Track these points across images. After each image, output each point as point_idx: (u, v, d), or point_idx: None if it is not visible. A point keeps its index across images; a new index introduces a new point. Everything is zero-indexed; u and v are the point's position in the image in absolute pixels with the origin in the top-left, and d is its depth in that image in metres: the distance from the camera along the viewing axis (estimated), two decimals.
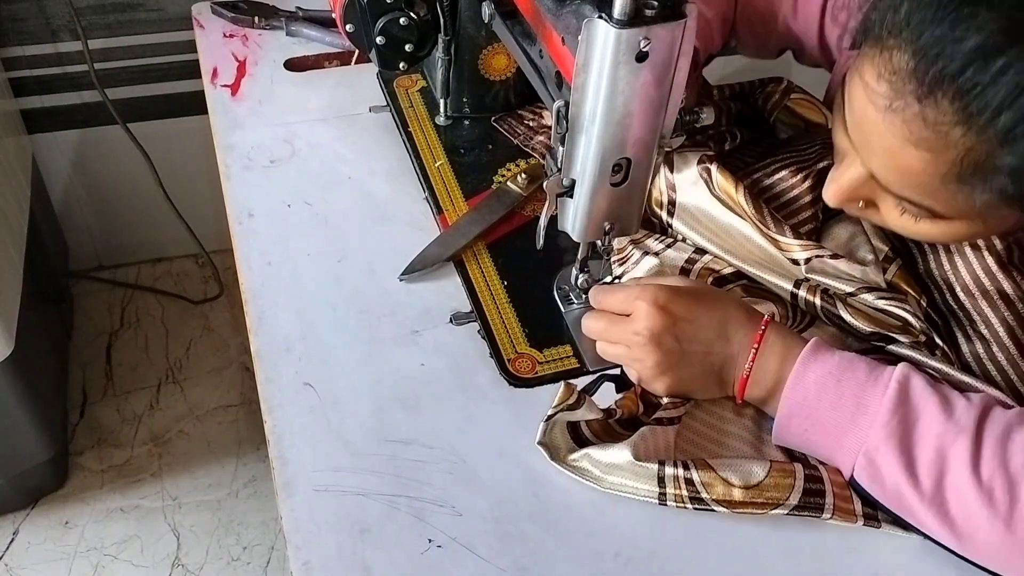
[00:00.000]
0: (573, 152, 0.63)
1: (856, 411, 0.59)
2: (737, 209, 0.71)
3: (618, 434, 0.65)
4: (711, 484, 0.60)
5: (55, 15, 1.47)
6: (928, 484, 0.56)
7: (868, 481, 0.59)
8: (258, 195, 0.85)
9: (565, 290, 0.76)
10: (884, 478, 0.58)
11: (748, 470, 0.61)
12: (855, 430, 0.59)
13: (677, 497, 0.60)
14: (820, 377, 0.60)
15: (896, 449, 0.57)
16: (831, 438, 0.60)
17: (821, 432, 0.60)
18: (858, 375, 0.59)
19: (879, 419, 0.57)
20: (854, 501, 0.61)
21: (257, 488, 1.49)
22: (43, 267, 1.49)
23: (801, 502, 0.60)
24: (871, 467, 0.58)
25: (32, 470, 1.39)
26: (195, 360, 1.68)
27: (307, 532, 0.59)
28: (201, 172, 1.67)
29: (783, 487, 0.60)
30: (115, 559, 1.39)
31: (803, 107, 0.82)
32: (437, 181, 0.87)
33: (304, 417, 0.66)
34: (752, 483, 0.60)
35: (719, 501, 0.60)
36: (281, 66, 1.02)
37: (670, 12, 0.55)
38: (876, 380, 0.59)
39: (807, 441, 0.62)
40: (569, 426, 0.65)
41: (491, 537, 0.60)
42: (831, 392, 0.60)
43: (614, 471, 0.61)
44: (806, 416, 0.61)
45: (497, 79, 0.93)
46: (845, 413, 0.59)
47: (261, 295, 0.75)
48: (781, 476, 0.60)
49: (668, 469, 0.60)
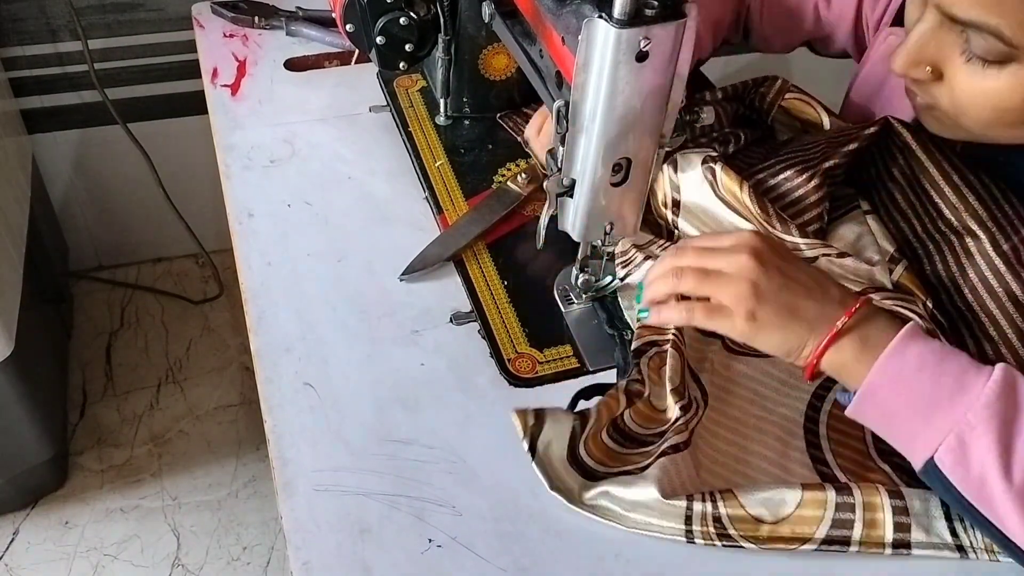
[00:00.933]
0: (573, 152, 0.63)
1: (956, 390, 0.56)
2: (742, 209, 0.70)
3: (622, 456, 0.64)
4: (739, 520, 0.59)
5: (55, 15, 1.47)
6: (1019, 477, 0.54)
7: (951, 463, 0.56)
8: (258, 195, 0.85)
9: (565, 290, 0.76)
10: (972, 462, 0.55)
11: (779, 499, 0.60)
12: (951, 408, 0.56)
13: (704, 534, 0.59)
14: (922, 352, 0.58)
15: (994, 433, 0.55)
16: (920, 414, 0.57)
17: (909, 407, 0.57)
18: (961, 360, 0.58)
19: (982, 400, 0.55)
20: (884, 527, 0.59)
21: (257, 488, 1.49)
22: (43, 267, 1.49)
23: (828, 535, 0.58)
24: (961, 448, 0.55)
25: (32, 470, 1.39)
26: (195, 360, 1.68)
27: (307, 532, 0.59)
28: (201, 172, 1.67)
29: (812, 520, 0.59)
30: (115, 559, 1.38)
31: (799, 106, 0.82)
32: (437, 181, 0.87)
33: (304, 417, 0.66)
34: (782, 515, 0.59)
35: (747, 537, 0.59)
36: (281, 66, 1.02)
37: (670, 12, 0.55)
38: (979, 369, 0.57)
39: (889, 415, 0.59)
40: (570, 458, 0.63)
41: (491, 537, 0.60)
42: (931, 368, 0.57)
43: (638, 509, 0.60)
44: (899, 388, 0.57)
45: (497, 79, 0.93)
46: (943, 391, 0.56)
47: (261, 295, 0.75)
48: (813, 507, 0.59)
49: (696, 506, 0.59)
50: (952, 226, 0.67)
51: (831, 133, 0.76)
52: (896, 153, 0.71)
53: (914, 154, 0.70)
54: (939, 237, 0.68)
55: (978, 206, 0.66)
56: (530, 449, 0.63)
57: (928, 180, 0.69)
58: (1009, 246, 0.65)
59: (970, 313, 0.66)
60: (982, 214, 0.65)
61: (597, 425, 0.64)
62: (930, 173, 0.69)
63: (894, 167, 0.72)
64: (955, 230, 0.67)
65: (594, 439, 0.64)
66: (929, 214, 0.69)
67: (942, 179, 0.68)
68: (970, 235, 0.66)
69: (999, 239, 0.65)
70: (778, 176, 0.72)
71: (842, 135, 0.73)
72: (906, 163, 0.71)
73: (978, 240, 0.65)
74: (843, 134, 0.74)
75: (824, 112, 0.80)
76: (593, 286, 0.75)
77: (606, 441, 0.64)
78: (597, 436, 0.64)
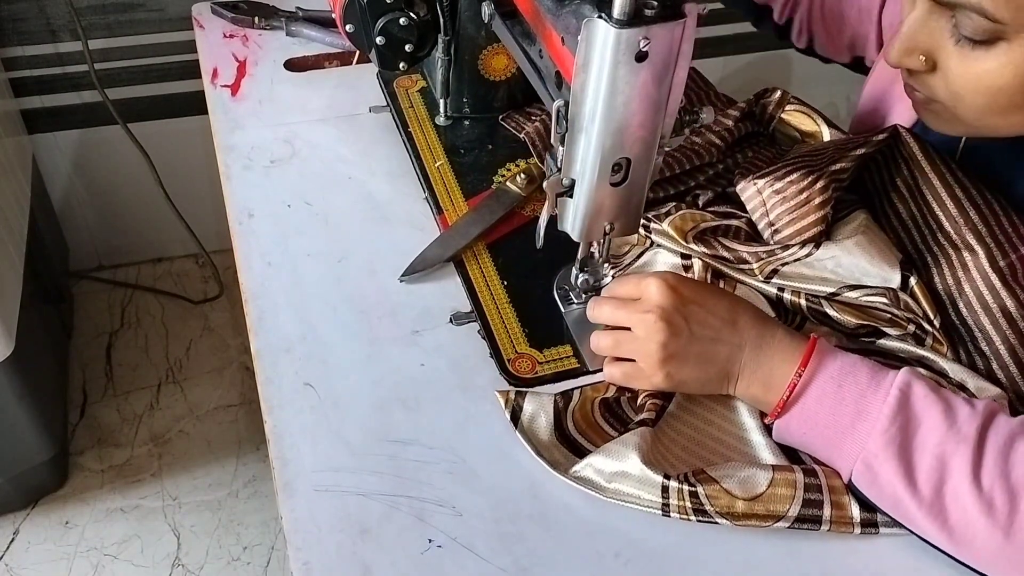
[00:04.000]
0: (573, 152, 0.63)
1: (856, 417, 0.59)
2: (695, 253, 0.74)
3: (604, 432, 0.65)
4: (715, 496, 0.60)
5: (55, 15, 1.47)
6: (927, 491, 0.56)
7: (866, 486, 0.59)
8: (258, 195, 0.85)
9: (565, 290, 0.76)
10: (882, 484, 0.58)
11: (753, 480, 0.60)
12: (854, 436, 0.58)
13: (680, 508, 0.60)
14: (821, 382, 0.60)
15: (895, 456, 0.57)
16: (830, 443, 0.60)
17: (819, 436, 0.60)
18: (859, 380, 0.59)
19: (879, 426, 0.57)
20: (851, 507, 0.60)
21: (257, 488, 1.49)
22: (43, 267, 1.50)
23: (800, 514, 0.59)
24: (869, 473, 0.58)
25: (32, 470, 1.39)
26: (195, 360, 1.68)
27: (307, 532, 0.59)
28: (201, 172, 1.67)
29: (784, 498, 0.60)
30: (115, 559, 1.39)
31: (797, 118, 0.84)
32: (437, 181, 0.87)
33: (304, 417, 0.66)
34: (756, 493, 0.60)
35: (722, 513, 0.59)
36: (281, 66, 1.02)
37: (670, 12, 0.55)
38: (877, 386, 0.59)
39: (805, 443, 0.62)
40: (559, 435, 0.65)
41: (491, 537, 0.60)
42: (831, 398, 0.60)
43: (618, 479, 0.61)
44: (805, 419, 0.61)
45: (497, 79, 0.93)
46: (844, 419, 0.59)
47: (261, 295, 0.75)
48: (783, 486, 0.60)
49: (673, 482, 0.60)
50: (951, 239, 0.67)
51: (839, 142, 0.76)
52: (901, 163, 0.72)
53: (919, 164, 0.70)
54: (937, 250, 0.68)
55: (978, 221, 0.66)
56: (512, 419, 0.65)
57: (931, 191, 0.69)
58: (1006, 263, 0.65)
59: (964, 327, 0.66)
60: (981, 229, 0.66)
61: (582, 402, 0.67)
62: (933, 185, 0.69)
63: (898, 177, 0.72)
64: (953, 243, 0.67)
65: (584, 418, 0.66)
66: (929, 226, 0.69)
67: (944, 191, 0.68)
68: (968, 249, 0.66)
69: (996, 255, 0.65)
70: (783, 179, 0.72)
71: (851, 142, 0.74)
72: (910, 173, 0.71)
73: (975, 255, 0.65)
74: (852, 140, 0.74)
75: (824, 123, 0.82)
76: (592, 286, 0.75)
77: (598, 421, 0.66)
78: (588, 414, 0.66)
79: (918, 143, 0.70)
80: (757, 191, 0.73)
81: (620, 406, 0.68)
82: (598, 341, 0.67)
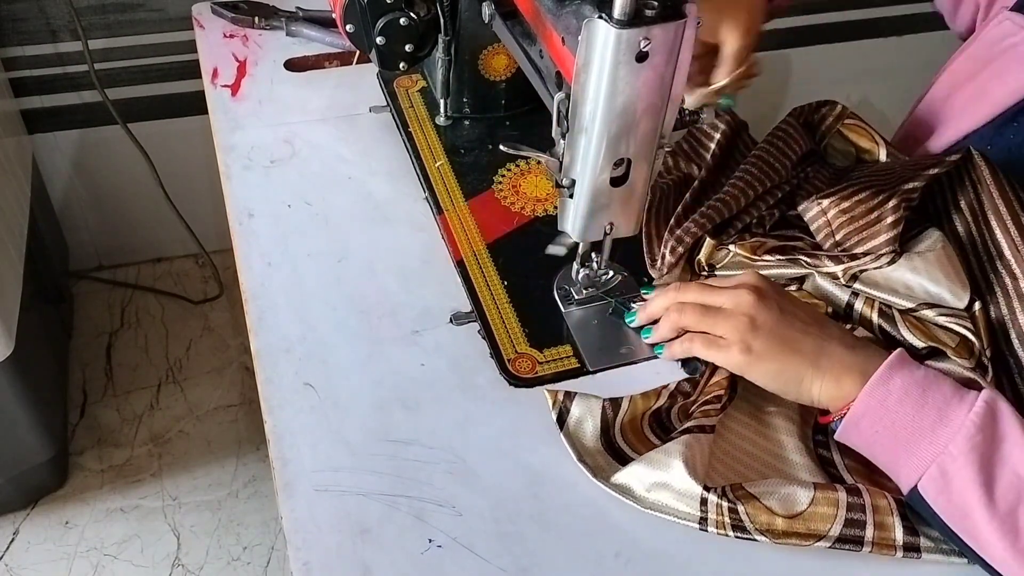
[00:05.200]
0: (573, 152, 0.63)
1: (938, 422, 0.58)
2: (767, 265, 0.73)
3: (650, 442, 0.64)
4: (755, 514, 0.59)
5: (55, 15, 1.47)
6: (1003, 506, 0.55)
7: (935, 493, 0.57)
8: (258, 195, 0.85)
9: (565, 290, 0.76)
10: (954, 491, 0.56)
11: (793, 497, 0.60)
12: (932, 439, 0.57)
13: (719, 523, 0.59)
14: (905, 383, 0.59)
15: (976, 463, 0.56)
16: (902, 444, 0.59)
17: (892, 436, 0.59)
18: (944, 390, 0.59)
19: (963, 432, 0.56)
20: (895, 529, 0.59)
21: (257, 488, 1.49)
22: (43, 267, 1.50)
23: (842, 534, 0.59)
24: (943, 478, 0.57)
25: (32, 470, 1.39)
26: (195, 360, 1.68)
27: (307, 532, 0.59)
28: (201, 172, 1.67)
29: (826, 517, 0.59)
30: (115, 559, 1.39)
31: (856, 133, 0.81)
32: (437, 181, 0.87)
33: (304, 417, 0.66)
34: (796, 511, 0.59)
35: (762, 531, 0.59)
36: (281, 66, 1.02)
37: (670, 12, 0.55)
38: (962, 398, 0.58)
39: (873, 443, 0.61)
40: (604, 443, 0.64)
41: (491, 537, 0.60)
42: (914, 399, 0.59)
43: (657, 489, 0.61)
44: (881, 417, 0.59)
45: (497, 79, 0.93)
46: (925, 422, 0.58)
47: (261, 295, 0.75)
48: (825, 504, 0.59)
49: (712, 496, 0.59)
50: (1010, 268, 0.66)
51: (907, 162, 0.75)
52: (968, 185, 0.71)
53: (987, 188, 0.69)
54: (994, 277, 0.67)
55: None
56: (559, 421, 0.65)
57: (995, 216, 0.68)
58: None
59: (1013, 359, 0.65)
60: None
61: (632, 412, 0.66)
62: (999, 210, 0.68)
63: (962, 198, 0.71)
64: (1012, 272, 0.66)
65: (633, 428, 0.65)
66: (988, 252, 0.68)
67: (1010, 218, 0.67)
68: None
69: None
70: (851, 199, 0.71)
71: (921, 161, 0.73)
72: (975, 196, 0.70)
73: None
74: (923, 160, 0.73)
75: (881, 141, 0.80)
76: (593, 282, 0.75)
77: (646, 433, 0.66)
78: (638, 426, 0.65)
79: (989, 167, 0.69)
80: (822, 211, 0.72)
81: (670, 418, 0.66)
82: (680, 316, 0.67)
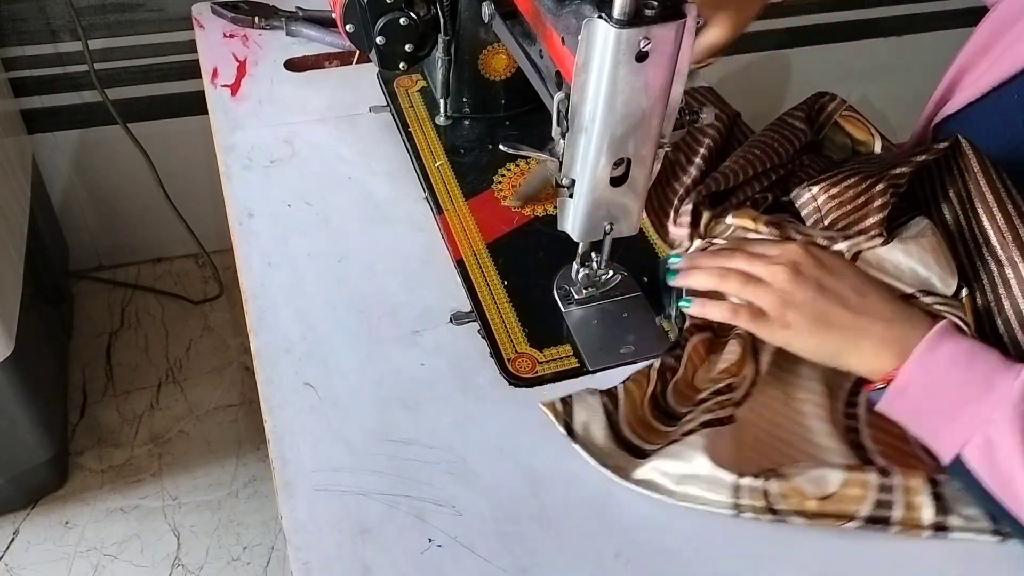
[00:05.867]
0: (573, 151, 0.63)
1: (984, 389, 0.58)
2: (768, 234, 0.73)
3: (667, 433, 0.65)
4: (787, 495, 0.60)
5: (55, 15, 1.47)
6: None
7: (979, 460, 0.58)
8: (258, 195, 0.85)
9: (565, 289, 0.76)
10: (999, 458, 0.57)
11: (824, 479, 0.60)
12: (978, 407, 0.58)
13: (753, 508, 0.60)
14: (952, 352, 0.60)
15: (1022, 431, 0.56)
16: (947, 411, 0.59)
17: (937, 404, 0.60)
18: (991, 359, 0.59)
19: (1010, 399, 0.57)
20: (923, 509, 0.60)
21: (257, 488, 1.49)
22: (43, 267, 1.50)
23: (871, 515, 0.59)
24: (987, 445, 0.57)
25: (32, 470, 1.39)
26: (195, 360, 1.68)
27: (307, 532, 0.59)
28: (201, 172, 1.68)
29: (855, 499, 0.59)
30: (115, 559, 1.39)
31: (853, 124, 0.83)
32: (437, 181, 0.87)
33: (304, 417, 0.66)
34: (827, 492, 0.59)
35: (796, 512, 0.59)
36: (281, 66, 1.02)
37: (670, 12, 0.55)
38: (1009, 367, 0.59)
39: (917, 411, 0.61)
40: (614, 439, 0.64)
41: (491, 537, 0.60)
42: (961, 367, 0.59)
43: (687, 482, 0.61)
44: (928, 385, 0.60)
45: (497, 79, 0.93)
46: (972, 389, 0.59)
47: (261, 295, 0.75)
48: (855, 486, 0.60)
49: (745, 480, 0.60)
50: (995, 254, 0.67)
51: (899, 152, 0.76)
52: (956, 173, 0.71)
53: (975, 176, 0.70)
54: (980, 264, 0.68)
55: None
56: (568, 432, 0.65)
57: (983, 205, 0.68)
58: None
59: (999, 345, 0.65)
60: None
61: (631, 402, 0.66)
62: (986, 198, 0.68)
63: (951, 187, 0.72)
64: (997, 259, 0.67)
65: (638, 419, 0.66)
66: (975, 239, 0.69)
67: (996, 206, 0.68)
68: (1011, 265, 0.66)
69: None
70: (839, 184, 0.72)
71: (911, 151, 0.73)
72: (963, 185, 0.71)
73: (1018, 271, 0.65)
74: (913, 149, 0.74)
75: (877, 135, 0.81)
76: (593, 282, 0.75)
77: (651, 422, 0.66)
78: (641, 416, 0.66)
79: (977, 155, 0.70)
80: (812, 197, 0.73)
81: (668, 401, 0.67)
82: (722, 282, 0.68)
